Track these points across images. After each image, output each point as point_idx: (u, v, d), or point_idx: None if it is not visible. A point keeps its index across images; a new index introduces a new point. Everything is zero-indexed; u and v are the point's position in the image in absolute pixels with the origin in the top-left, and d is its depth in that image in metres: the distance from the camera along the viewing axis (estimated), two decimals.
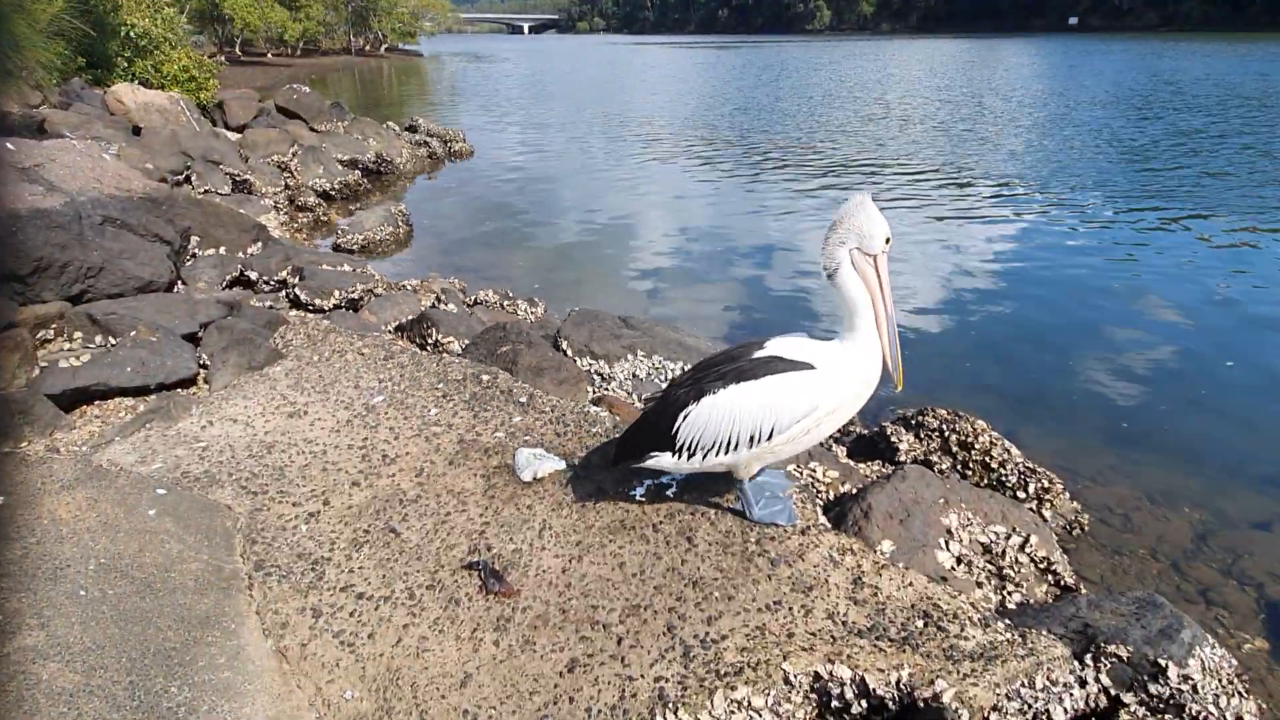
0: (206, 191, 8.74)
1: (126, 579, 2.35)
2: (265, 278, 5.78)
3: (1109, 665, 2.39)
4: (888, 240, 2.25)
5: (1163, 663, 2.33)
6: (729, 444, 2.36)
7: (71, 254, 4.23)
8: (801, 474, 3.44)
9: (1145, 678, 2.34)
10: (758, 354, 2.37)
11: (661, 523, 2.65)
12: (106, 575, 2.35)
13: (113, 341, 3.84)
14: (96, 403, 3.49)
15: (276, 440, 3.16)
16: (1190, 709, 2.30)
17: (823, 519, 2.76)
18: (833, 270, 2.28)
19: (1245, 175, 12.15)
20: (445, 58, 68.30)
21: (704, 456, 2.39)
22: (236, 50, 40.98)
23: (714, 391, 2.33)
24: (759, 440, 2.34)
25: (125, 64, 13.15)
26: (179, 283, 5.10)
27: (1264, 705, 2.76)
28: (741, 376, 2.32)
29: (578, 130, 19.52)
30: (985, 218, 10.21)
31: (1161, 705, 2.31)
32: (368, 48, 64.14)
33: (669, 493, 2.78)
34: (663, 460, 2.45)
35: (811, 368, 2.30)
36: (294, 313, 4.97)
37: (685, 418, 2.35)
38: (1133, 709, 2.32)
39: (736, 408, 2.31)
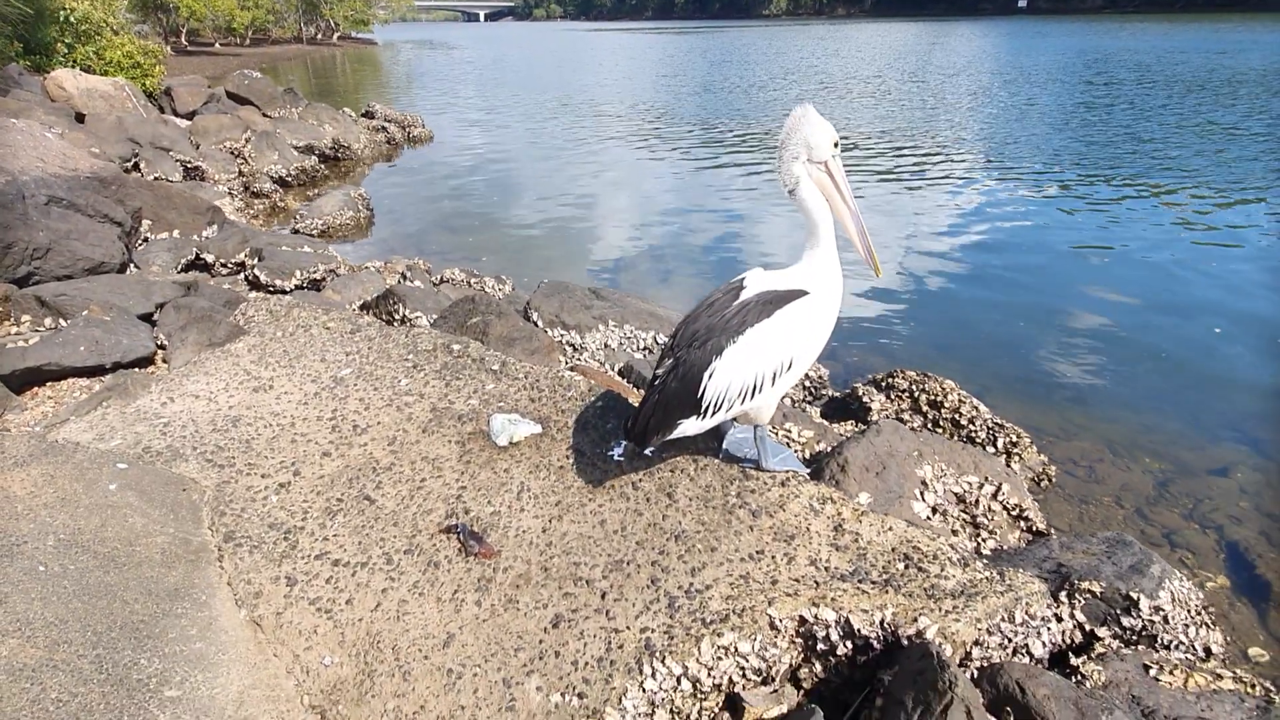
0: (157, 179, 8.45)
1: (88, 554, 2.26)
2: (222, 260, 5.61)
3: (1083, 601, 2.44)
4: (836, 144, 2.28)
5: (1135, 596, 2.39)
6: (755, 389, 2.32)
7: (16, 234, 4.06)
8: (777, 434, 3.45)
9: (1118, 611, 2.39)
10: (747, 294, 2.34)
11: (641, 480, 2.63)
12: (67, 550, 2.26)
13: (64, 323, 3.70)
14: (49, 384, 3.35)
15: (242, 414, 3.06)
16: (1162, 639, 2.36)
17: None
18: (793, 186, 2.32)
19: (1193, 147, 12.48)
20: (401, 45, 67.06)
21: (729, 409, 2.33)
22: (183, 40, 39.66)
23: (734, 341, 2.27)
24: (779, 376, 2.34)
25: (65, 50, 12.64)
26: (131, 265, 4.93)
27: (1228, 637, 2.85)
28: (754, 319, 2.28)
29: (537, 114, 19.31)
30: (944, 189, 10.34)
31: (1134, 637, 2.37)
32: (320, 36, 62.54)
33: (647, 451, 2.76)
34: (686, 426, 2.35)
35: (805, 293, 2.32)
36: (254, 294, 4.83)
37: (711, 376, 2.27)
38: (1107, 642, 2.37)
39: (760, 350, 2.28)
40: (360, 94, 25.07)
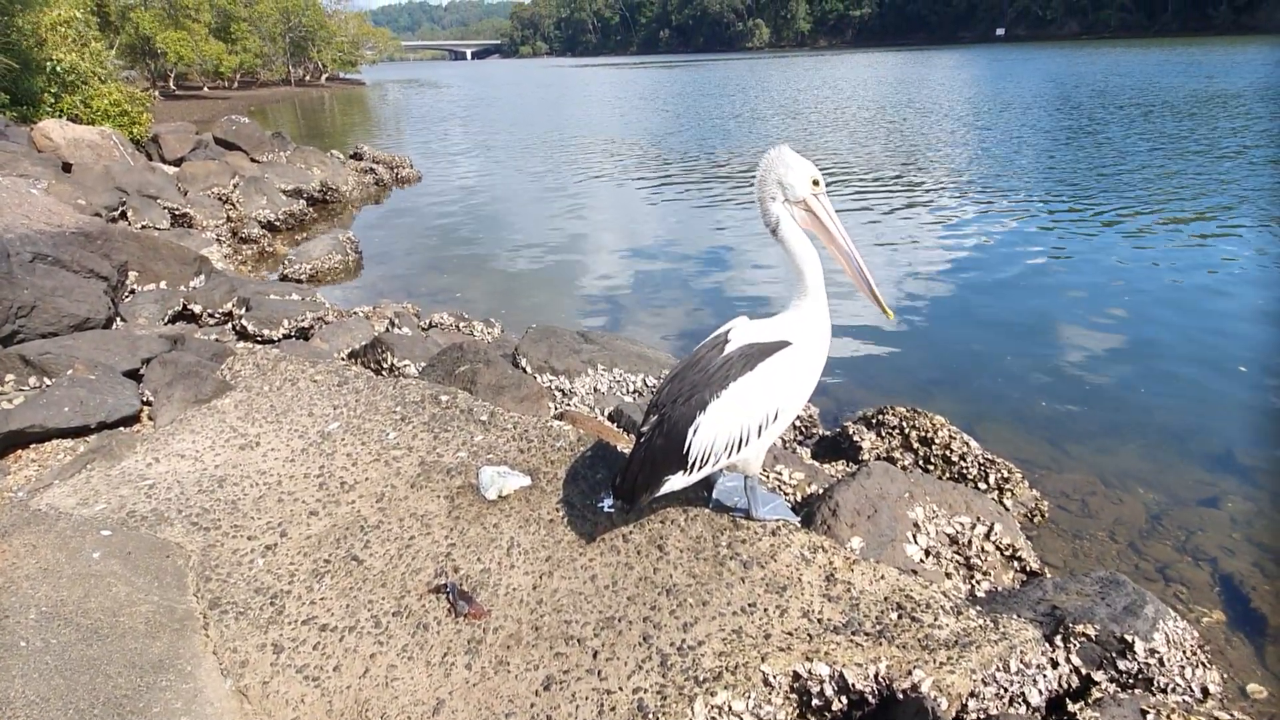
0: (144, 227, 8.48)
1: (71, 626, 2.22)
2: (210, 310, 5.61)
3: (1078, 645, 2.42)
4: (815, 182, 2.23)
5: (1129, 639, 2.37)
6: (741, 442, 2.29)
7: (0, 293, 4.05)
8: (768, 477, 3.45)
9: (1114, 654, 2.38)
10: (730, 347, 2.32)
11: (631, 532, 2.62)
12: (49, 624, 2.22)
13: (48, 382, 3.67)
14: (33, 446, 3.32)
15: (228, 474, 3.04)
16: (1158, 681, 2.35)
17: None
18: (774, 225, 2.29)
19: (1187, 174, 12.63)
20: (389, 86, 67.85)
21: (715, 463, 2.31)
22: (171, 85, 40.08)
23: (718, 396, 2.25)
24: (765, 428, 2.31)
25: (52, 99, 12.74)
26: (118, 319, 4.91)
27: (1225, 675, 2.84)
28: (738, 373, 2.26)
29: (525, 153, 19.52)
30: (930, 219, 10.47)
31: (1131, 680, 2.35)
32: (308, 78, 63.32)
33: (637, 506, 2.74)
34: (673, 481, 2.33)
35: (789, 343, 2.29)
36: (241, 344, 4.82)
37: (695, 431, 2.25)
38: (1104, 686, 2.35)
39: (743, 404, 2.25)
40: (348, 135, 25.31)
